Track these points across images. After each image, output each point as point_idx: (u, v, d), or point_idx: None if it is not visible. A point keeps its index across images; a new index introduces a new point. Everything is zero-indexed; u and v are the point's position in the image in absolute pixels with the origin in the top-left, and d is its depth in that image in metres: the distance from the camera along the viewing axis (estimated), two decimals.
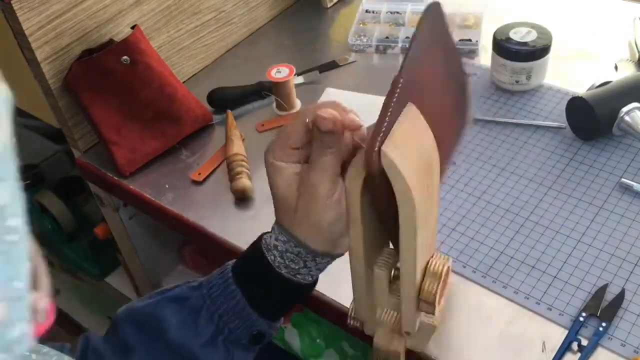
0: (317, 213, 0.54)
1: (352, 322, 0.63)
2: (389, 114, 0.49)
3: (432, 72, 0.57)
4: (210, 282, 0.59)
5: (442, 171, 0.63)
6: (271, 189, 0.56)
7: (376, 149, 0.48)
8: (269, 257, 0.57)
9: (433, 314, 0.60)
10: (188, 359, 0.58)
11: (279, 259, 0.56)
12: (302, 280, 0.58)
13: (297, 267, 0.57)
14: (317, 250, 0.56)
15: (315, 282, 0.60)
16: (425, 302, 0.58)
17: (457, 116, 0.65)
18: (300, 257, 0.56)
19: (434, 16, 0.56)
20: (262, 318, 0.58)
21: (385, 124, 0.49)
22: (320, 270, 0.59)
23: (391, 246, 0.60)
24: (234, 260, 0.60)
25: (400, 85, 0.50)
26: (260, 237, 0.59)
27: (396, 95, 0.50)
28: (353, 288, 0.59)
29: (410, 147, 0.50)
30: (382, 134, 0.48)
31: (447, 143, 0.65)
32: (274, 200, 0.57)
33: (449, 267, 0.59)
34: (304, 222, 0.55)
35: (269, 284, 0.57)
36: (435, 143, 0.54)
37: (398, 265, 0.56)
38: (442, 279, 0.57)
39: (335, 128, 0.51)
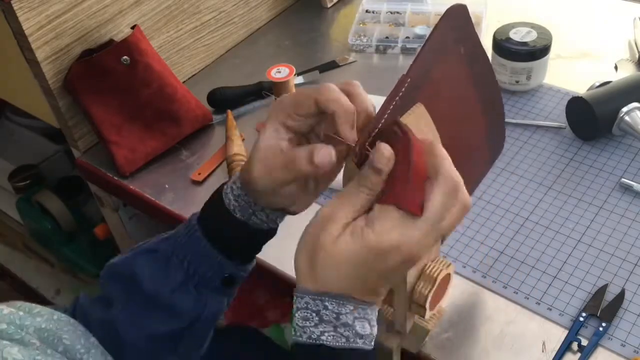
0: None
1: None
2: (388, 111, 0.50)
3: (451, 75, 0.57)
4: (178, 231, 0.60)
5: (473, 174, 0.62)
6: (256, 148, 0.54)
7: (367, 143, 0.49)
8: (225, 200, 0.57)
9: (424, 316, 0.60)
10: (162, 306, 0.59)
11: (233, 202, 0.57)
12: (259, 226, 0.58)
13: (248, 214, 0.57)
14: (265, 207, 0.57)
15: (274, 230, 0.60)
16: (416, 304, 0.58)
17: (485, 119, 0.65)
18: (250, 206, 0.57)
19: (455, 18, 0.55)
20: (229, 261, 0.59)
21: (383, 120, 0.49)
22: (274, 221, 0.59)
23: None
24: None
25: (406, 85, 0.50)
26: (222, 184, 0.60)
27: (400, 94, 0.50)
28: None
29: None
30: (376, 130, 0.49)
31: (470, 143, 0.64)
32: (254, 155, 0.55)
33: (448, 274, 0.59)
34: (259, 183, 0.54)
35: (228, 227, 0.58)
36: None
37: None
38: (437, 283, 0.57)
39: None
